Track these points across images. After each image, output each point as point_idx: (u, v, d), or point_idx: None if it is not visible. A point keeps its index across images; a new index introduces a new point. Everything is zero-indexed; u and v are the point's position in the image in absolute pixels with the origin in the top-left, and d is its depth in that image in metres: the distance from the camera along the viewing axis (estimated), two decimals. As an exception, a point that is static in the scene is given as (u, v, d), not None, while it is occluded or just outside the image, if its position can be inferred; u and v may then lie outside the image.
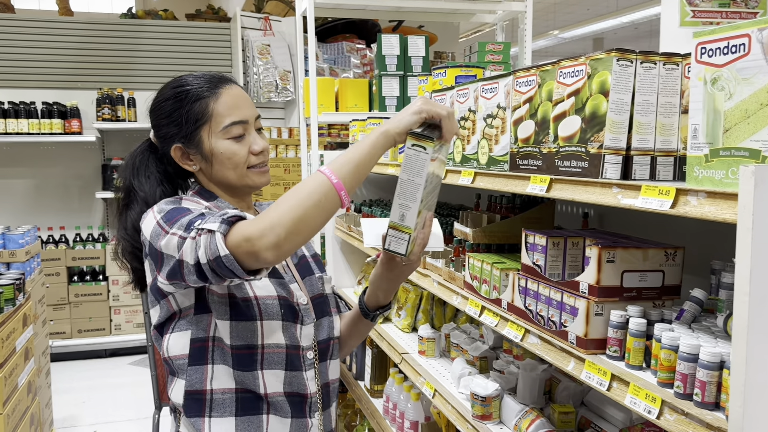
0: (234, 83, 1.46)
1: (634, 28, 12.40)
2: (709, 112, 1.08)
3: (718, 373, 1.13)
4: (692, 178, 1.12)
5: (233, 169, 1.40)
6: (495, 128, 1.83)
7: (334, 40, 4.80)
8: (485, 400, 2.04)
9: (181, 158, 1.44)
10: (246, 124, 1.41)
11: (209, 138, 1.39)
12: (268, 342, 1.39)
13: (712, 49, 1.07)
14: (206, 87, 1.40)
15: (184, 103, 1.39)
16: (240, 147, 1.40)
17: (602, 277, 1.46)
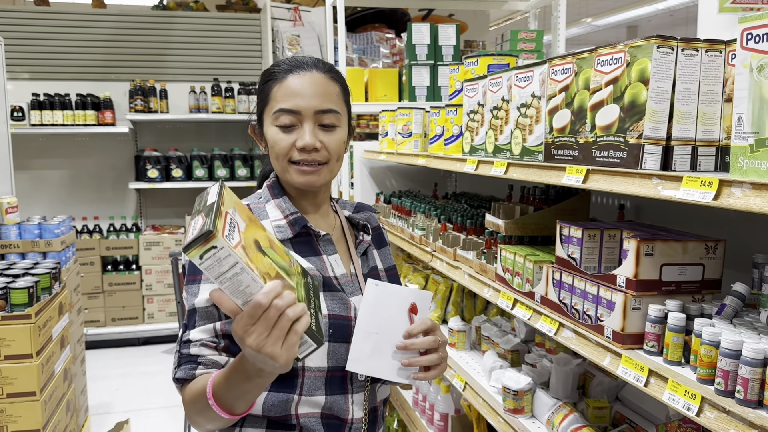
0: (317, 70, 1.33)
1: (669, 15, 12.11)
2: (755, 100, 1.04)
3: (761, 370, 1.09)
4: (736, 168, 1.08)
5: (276, 159, 1.33)
6: (529, 118, 1.80)
7: (363, 30, 4.78)
8: (517, 393, 2.01)
9: (256, 137, 1.42)
10: (298, 114, 1.30)
11: (265, 121, 1.35)
12: (309, 365, 1.27)
13: (759, 35, 1.02)
14: (281, 69, 1.33)
15: (261, 81, 1.37)
16: (284, 137, 1.30)
17: (640, 270, 1.43)
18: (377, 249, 1.51)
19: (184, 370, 1.21)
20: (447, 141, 2.47)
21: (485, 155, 2.08)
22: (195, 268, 1.24)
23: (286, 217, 1.33)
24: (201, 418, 1.18)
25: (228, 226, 0.93)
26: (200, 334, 1.22)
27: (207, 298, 1.22)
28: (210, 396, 1.13)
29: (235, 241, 0.93)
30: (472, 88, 2.20)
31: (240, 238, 0.95)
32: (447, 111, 2.47)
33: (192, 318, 1.24)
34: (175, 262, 2.76)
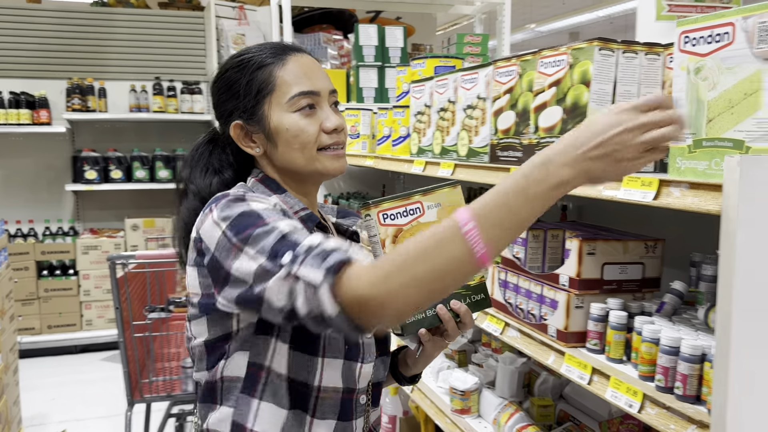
0: (305, 52, 1.23)
1: (609, 22, 12.48)
2: (693, 102, 1.07)
3: (699, 366, 1.12)
4: (674, 169, 1.10)
5: (301, 151, 1.16)
6: (475, 119, 1.81)
7: (310, 31, 4.73)
8: (464, 393, 2.02)
9: (242, 138, 1.20)
10: (317, 96, 1.17)
11: (273, 111, 1.16)
12: (325, 384, 1.14)
13: (696, 38, 1.05)
14: (271, 53, 1.19)
15: (245, 72, 1.18)
16: (309, 122, 1.16)
17: (583, 269, 1.45)
18: None
19: (336, 254, 0.94)
20: (395, 142, 2.47)
21: (432, 156, 2.08)
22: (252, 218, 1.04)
23: (297, 213, 1.17)
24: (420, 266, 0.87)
25: (399, 211, 1.11)
26: (318, 239, 0.98)
27: (292, 223, 1.04)
28: (469, 220, 0.85)
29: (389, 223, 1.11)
30: (419, 89, 2.20)
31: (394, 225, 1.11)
32: (394, 112, 2.47)
33: (290, 239, 0.99)
34: (113, 267, 2.66)
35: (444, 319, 1.16)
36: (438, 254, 0.86)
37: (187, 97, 5.27)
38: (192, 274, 1.12)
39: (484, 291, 1.19)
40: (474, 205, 0.87)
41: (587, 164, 0.85)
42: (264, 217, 1.04)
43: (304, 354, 1.12)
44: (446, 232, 0.87)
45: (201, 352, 1.16)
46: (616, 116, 0.85)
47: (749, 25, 0.97)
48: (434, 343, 1.22)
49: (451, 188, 1.14)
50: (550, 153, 0.86)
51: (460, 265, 0.87)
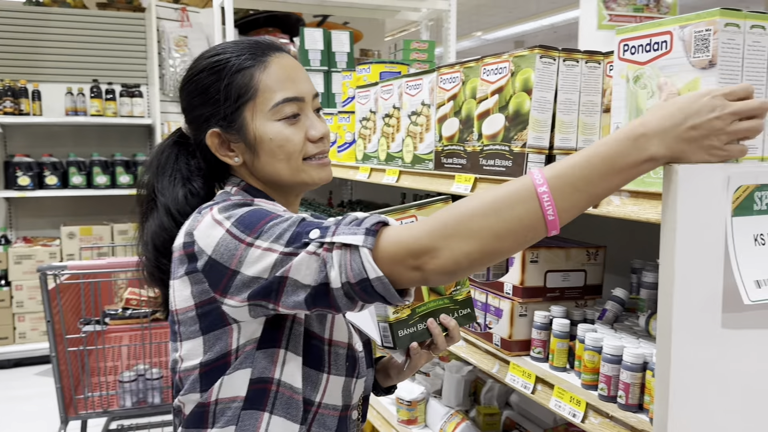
0: (285, 51, 1.14)
1: (553, 31, 12.77)
2: (632, 110, 1.07)
3: (641, 375, 1.12)
4: None
5: (286, 161, 1.09)
6: (420, 126, 1.79)
7: (256, 34, 4.66)
8: (411, 404, 1.99)
9: (219, 147, 1.12)
10: (302, 102, 1.10)
11: (255, 119, 1.08)
12: (326, 401, 1.09)
13: (635, 47, 1.05)
14: (250, 54, 1.10)
15: (222, 75, 1.09)
16: (294, 131, 1.09)
17: (526, 277, 1.44)
18: None
19: (371, 218, 0.91)
20: (340, 148, 2.43)
21: (378, 163, 2.06)
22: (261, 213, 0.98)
23: None
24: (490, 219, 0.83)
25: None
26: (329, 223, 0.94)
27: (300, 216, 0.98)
28: (541, 177, 0.82)
29: None
30: (364, 95, 2.17)
31: None
32: (340, 118, 2.43)
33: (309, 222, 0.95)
34: (44, 278, 2.53)
35: (434, 333, 1.16)
36: (507, 210, 0.83)
37: (126, 100, 5.10)
38: (180, 286, 1.03)
39: (470, 306, 1.21)
40: (552, 168, 0.83)
41: (680, 145, 0.83)
42: (274, 212, 0.98)
43: (311, 369, 1.07)
44: (519, 191, 0.83)
45: (194, 375, 1.05)
46: (710, 100, 0.83)
47: (686, 34, 0.97)
48: (421, 356, 1.21)
49: (444, 202, 1.16)
50: (641, 128, 0.83)
51: (528, 228, 0.83)
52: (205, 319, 1.02)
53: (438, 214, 0.86)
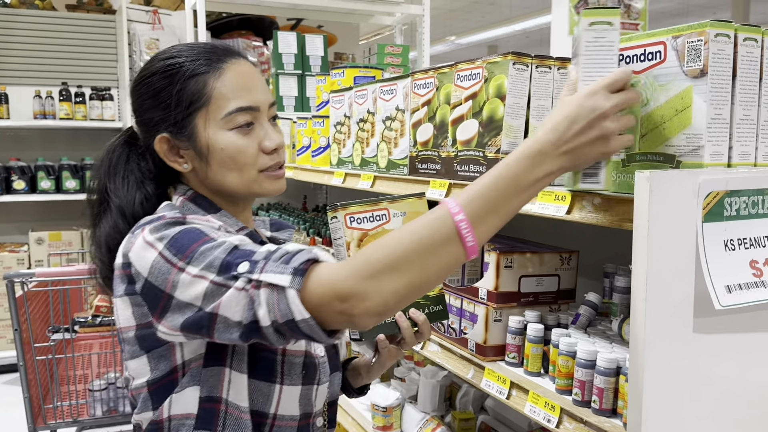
0: (243, 57, 1.10)
1: (525, 36, 12.90)
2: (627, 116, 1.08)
3: (615, 380, 1.13)
4: (610, 182, 1.11)
5: (238, 172, 1.06)
6: (394, 131, 1.79)
7: (229, 37, 4.62)
8: (386, 410, 1.99)
9: (168, 153, 1.09)
10: (257, 111, 1.07)
11: (206, 127, 1.05)
12: (282, 413, 1.05)
13: (630, 56, 1.07)
14: (205, 59, 1.06)
15: (174, 80, 1.05)
16: (248, 142, 1.05)
17: (500, 282, 1.45)
18: None
19: (301, 255, 0.88)
20: (314, 153, 2.42)
21: (352, 168, 2.05)
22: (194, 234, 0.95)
23: (237, 233, 1.07)
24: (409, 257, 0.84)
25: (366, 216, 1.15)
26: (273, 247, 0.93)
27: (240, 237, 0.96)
28: (456, 206, 0.84)
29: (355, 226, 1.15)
30: (338, 99, 2.16)
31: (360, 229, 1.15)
32: (314, 122, 2.42)
33: (241, 250, 0.92)
34: (11, 285, 2.48)
35: (402, 326, 1.16)
36: (428, 243, 0.84)
37: (96, 103, 5.02)
38: (122, 306, 1.01)
39: (442, 303, 1.21)
40: (464, 195, 0.86)
41: (571, 154, 0.87)
42: (207, 233, 0.95)
43: (261, 382, 1.03)
44: (438, 222, 0.85)
45: (144, 393, 1.03)
46: (590, 100, 0.87)
47: (679, 44, 0.99)
48: (389, 352, 1.21)
49: (417, 198, 1.18)
50: (536, 145, 0.87)
51: (450, 256, 0.85)
52: (145, 340, 1.01)
53: (365, 252, 0.86)
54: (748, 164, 1.04)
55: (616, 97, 0.88)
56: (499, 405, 1.95)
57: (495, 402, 1.98)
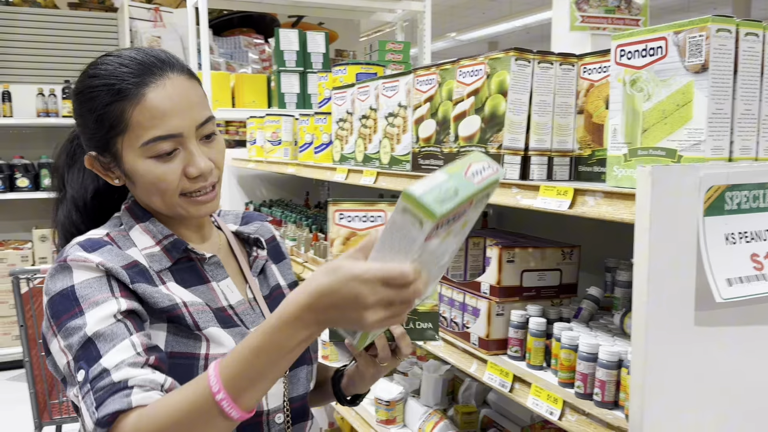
0: (174, 72, 1.05)
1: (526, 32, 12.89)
2: (629, 112, 1.09)
3: (616, 372, 1.14)
4: (612, 177, 1.12)
5: (160, 197, 1.05)
6: (397, 127, 1.80)
7: (230, 34, 4.63)
8: (389, 404, 2.00)
9: (99, 168, 1.09)
10: (179, 138, 1.03)
11: (127, 154, 1.04)
12: None
13: (631, 52, 1.08)
14: (129, 81, 1.02)
15: (95, 105, 1.03)
16: (168, 169, 1.03)
17: (503, 277, 1.46)
18: (276, 263, 1.28)
19: (115, 401, 0.89)
20: (317, 149, 2.43)
21: (355, 164, 2.06)
22: (68, 301, 0.97)
23: (159, 242, 1.08)
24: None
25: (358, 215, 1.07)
26: (119, 355, 0.92)
27: (104, 315, 0.95)
28: (217, 383, 0.84)
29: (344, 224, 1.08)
30: (340, 96, 2.17)
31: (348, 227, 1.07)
32: (316, 119, 2.43)
33: (92, 348, 0.94)
34: (17, 282, 2.49)
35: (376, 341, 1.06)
36: (195, 420, 0.84)
37: (99, 101, 5.03)
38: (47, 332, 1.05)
39: (433, 321, 1.06)
40: (227, 370, 0.84)
41: (327, 323, 0.83)
42: (79, 301, 0.96)
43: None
44: (199, 403, 0.84)
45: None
46: (358, 287, 0.78)
47: (680, 39, 1.00)
48: (367, 362, 1.12)
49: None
50: (294, 310, 0.82)
51: (219, 428, 0.85)
52: None
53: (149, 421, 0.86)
54: (749, 159, 1.05)
55: (384, 293, 0.79)
56: (502, 399, 1.97)
57: (497, 396, 1.99)
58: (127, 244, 1.08)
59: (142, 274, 1.03)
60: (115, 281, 1.00)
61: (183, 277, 1.09)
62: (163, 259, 1.07)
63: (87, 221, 1.15)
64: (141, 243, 1.08)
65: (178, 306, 1.02)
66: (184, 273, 1.09)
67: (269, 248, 1.27)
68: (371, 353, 1.10)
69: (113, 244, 1.06)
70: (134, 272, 1.02)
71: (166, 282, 1.06)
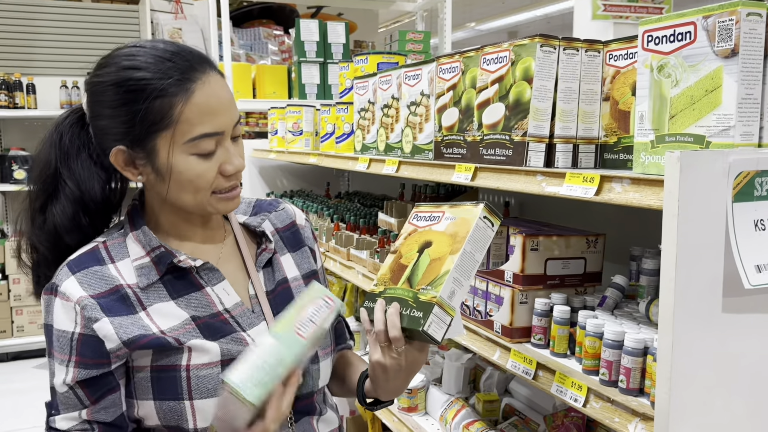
0: (213, 71, 1.04)
1: (546, 21, 12.75)
2: (656, 98, 1.09)
3: (642, 359, 1.14)
4: (639, 164, 1.12)
5: (193, 194, 1.04)
6: (419, 116, 1.80)
7: (250, 26, 4.65)
8: (411, 392, 2.01)
9: (124, 165, 1.05)
10: (221, 136, 1.03)
11: (167, 149, 1.01)
12: (204, 425, 1.04)
13: (659, 37, 1.07)
14: (174, 77, 0.99)
15: (139, 98, 0.99)
16: (208, 167, 1.02)
17: (527, 265, 1.46)
18: (292, 252, 1.23)
19: None
20: (338, 139, 2.44)
21: (377, 154, 2.06)
22: (49, 336, 1.03)
23: (148, 253, 1.07)
24: None
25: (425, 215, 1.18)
26: (66, 423, 1.04)
27: (60, 379, 1.03)
28: None
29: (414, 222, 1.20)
30: (362, 85, 2.17)
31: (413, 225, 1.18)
32: (338, 109, 2.43)
33: (54, 398, 1.05)
34: (44, 270, 2.53)
35: (362, 317, 1.10)
36: None
37: (122, 93, 5.09)
38: None
39: (427, 312, 1.01)
40: None
41: None
42: (53, 345, 1.04)
43: (168, 401, 1.04)
44: None
45: None
46: None
47: (709, 24, 0.99)
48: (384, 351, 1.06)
49: (473, 206, 1.09)
50: None
51: None
52: None
53: None
54: (752, 145, 1.03)
55: None
56: (524, 388, 1.97)
57: (519, 385, 1.99)
58: (120, 254, 1.08)
59: (123, 301, 1.03)
60: (78, 338, 1.02)
61: (176, 288, 1.08)
62: (152, 272, 1.06)
63: (96, 221, 1.13)
64: (134, 253, 1.08)
65: (154, 335, 1.03)
66: (177, 283, 1.08)
67: (286, 236, 1.24)
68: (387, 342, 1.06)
69: (105, 257, 1.07)
70: (113, 300, 1.03)
71: (148, 307, 1.05)
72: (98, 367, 1.03)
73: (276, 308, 1.14)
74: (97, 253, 1.07)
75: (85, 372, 1.03)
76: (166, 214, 1.11)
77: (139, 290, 1.05)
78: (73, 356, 1.03)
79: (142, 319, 1.04)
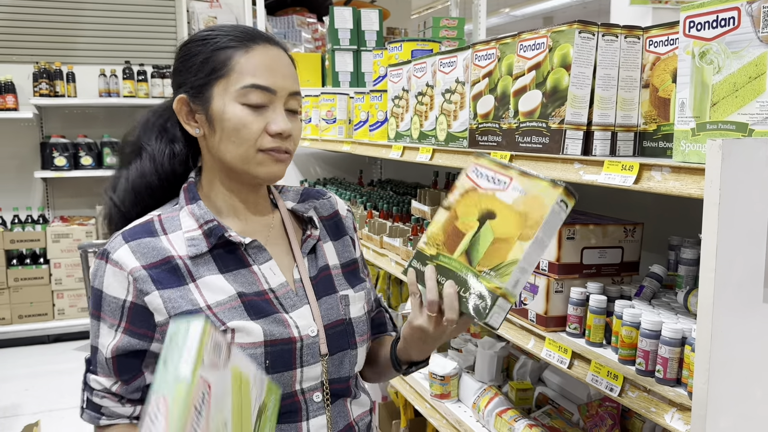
0: (277, 46, 1.14)
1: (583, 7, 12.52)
2: (697, 85, 1.07)
3: (680, 350, 1.13)
4: (679, 152, 1.10)
5: (238, 145, 1.08)
6: (454, 103, 1.79)
7: (284, 14, 4.67)
8: (443, 378, 2.02)
9: (184, 114, 1.13)
10: (272, 94, 1.08)
11: (221, 96, 1.08)
12: None
13: (701, 23, 1.05)
14: (237, 38, 1.11)
15: (205, 48, 1.10)
16: (254, 120, 1.07)
17: (562, 254, 1.45)
18: (334, 241, 1.26)
19: (88, 414, 1.12)
20: (372, 127, 2.44)
21: (411, 141, 2.07)
22: (98, 300, 1.08)
23: (201, 226, 1.11)
24: None
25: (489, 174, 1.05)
26: (100, 384, 1.10)
27: (105, 342, 1.07)
28: None
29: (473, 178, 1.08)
30: (396, 73, 2.17)
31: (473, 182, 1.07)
32: (372, 96, 2.44)
33: (94, 356, 1.10)
34: (85, 255, 2.61)
35: (428, 285, 1.03)
36: None
37: (158, 81, 5.16)
38: None
39: (487, 302, 0.96)
40: None
41: None
42: (101, 308, 1.08)
43: None
44: None
45: None
46: None
47: (754, 9, 0.97)
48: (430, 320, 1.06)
49: (550, 185, 0.96)
50: None
51: None
52: None
53: None
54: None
55: None
56: (557, 377, 1.96)
57: (553, 374, 1.99)
58: (173, 227, 1.12)
59: (173, 272, 1.07)
60: (129, 306, 1.07)
61: (224, 262, 1.11)
62: (202, 244, 1.10)
63: (159, 177, 1.19)
64: (186, 225, 1.12)
65: (201, 310, 1.06)
66: (225, 258, 1.12)
67: (329, 225, 1.27)
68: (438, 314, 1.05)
69: (158, 229, 1.11)
70: (164, 271, 1.07)
71: (197, 279, 1.08)
72: (142, 338, 1.07)
73: (319, 294, 1.17)
74: (151, 225, 1.12)
75: (128, 341, 1.06)
76: (219, 187, 1.15)
77: (189, 261, 1.09)
78: (123, 322, 1.07)
79: (191, 292, 1.07)
